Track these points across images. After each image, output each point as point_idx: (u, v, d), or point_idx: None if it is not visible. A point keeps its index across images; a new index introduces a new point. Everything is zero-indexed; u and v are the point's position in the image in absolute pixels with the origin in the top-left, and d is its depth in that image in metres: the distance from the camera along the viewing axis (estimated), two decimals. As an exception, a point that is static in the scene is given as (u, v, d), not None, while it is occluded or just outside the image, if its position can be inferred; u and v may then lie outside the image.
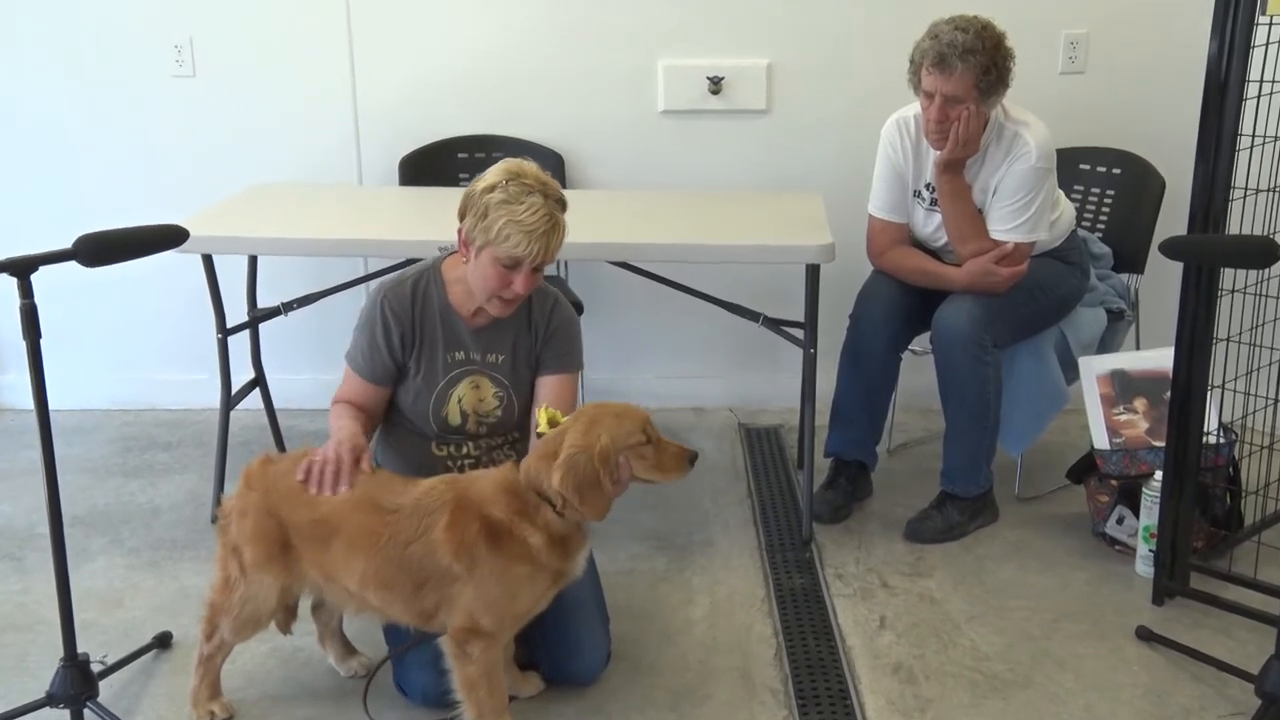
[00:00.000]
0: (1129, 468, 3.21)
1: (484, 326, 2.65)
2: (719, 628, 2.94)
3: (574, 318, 2.75)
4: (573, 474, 2.27)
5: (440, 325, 2.64)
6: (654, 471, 2.35)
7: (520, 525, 2.31)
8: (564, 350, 2.70)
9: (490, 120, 4.06)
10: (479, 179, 2.51)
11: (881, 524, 3.45)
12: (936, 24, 3.12)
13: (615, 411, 2.34)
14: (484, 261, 2.48)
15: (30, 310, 2.22)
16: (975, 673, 2.74)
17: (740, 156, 4.09)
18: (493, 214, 2.43)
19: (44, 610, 2.96)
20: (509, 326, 2.66)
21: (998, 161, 3.21)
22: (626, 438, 2.31)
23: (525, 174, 2.47)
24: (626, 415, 2.34)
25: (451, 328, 2.64)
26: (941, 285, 3.31)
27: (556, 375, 2.68)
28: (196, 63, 4.01)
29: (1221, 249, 2.65)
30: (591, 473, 2.27)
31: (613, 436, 2.29)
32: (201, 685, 2.54)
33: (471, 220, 2.47)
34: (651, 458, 2.34)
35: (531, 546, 2.30)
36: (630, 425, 2.32)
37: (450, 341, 2.64)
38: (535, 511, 2.32)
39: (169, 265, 3.21)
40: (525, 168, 2.50)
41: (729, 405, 4.34)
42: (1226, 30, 2.65)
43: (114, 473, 3.84)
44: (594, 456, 2.27)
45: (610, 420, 2.31)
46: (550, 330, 2.68)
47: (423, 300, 2.63)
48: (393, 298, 2.62)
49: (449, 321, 2.64)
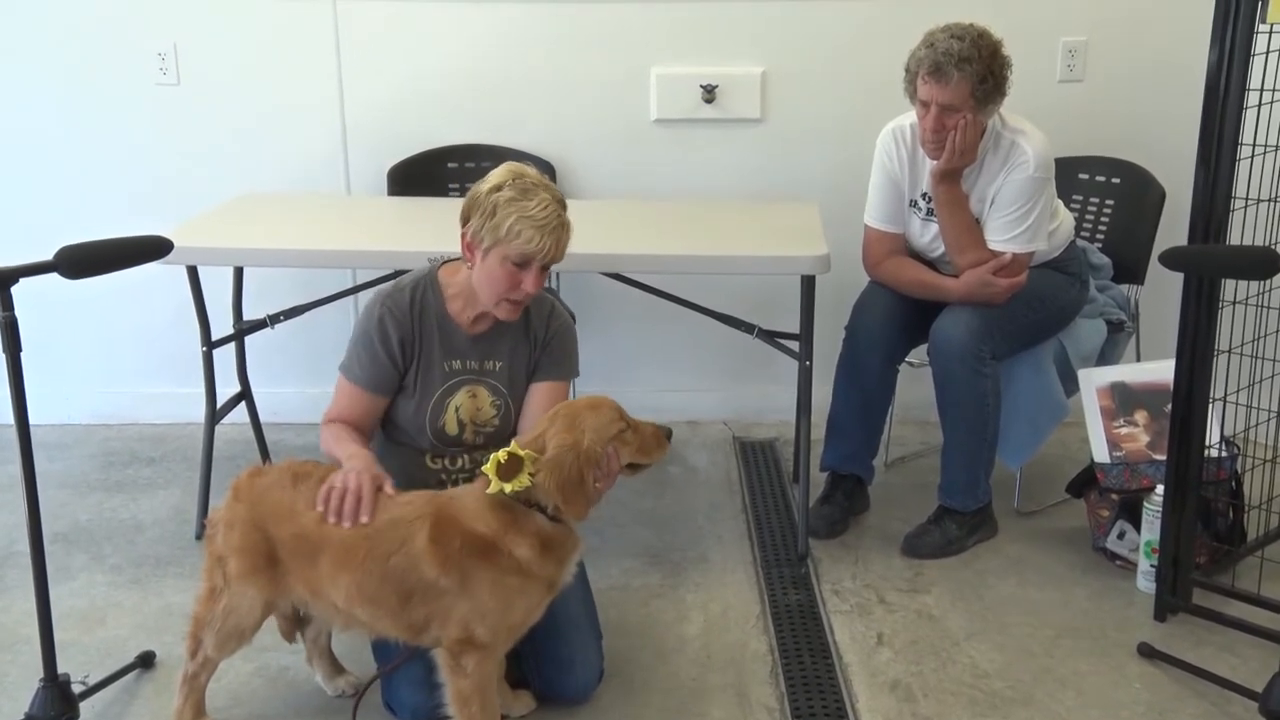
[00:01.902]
0: (1130, 482, 3.18)
1: (482, 334, 2.64)
2: (713, 644, 2.91)
3: (571, 325, 2.75)
4: (558, 472, 2.26)
5: (438, 333, 2.63)
6: (639, 455, 2.39)
7: (508, 538, 2.29)
8: (560, 357, 2.70)
9: (480, 129, 4.03)
10: (482, 182, 2.51)
11: (879, 539, 3.42)
12: (932, 32, 3.09)
13: (590, 405, 2.36)
14: (492, 263, 2.48)
15: (10, 323, 2.20)
16: (975, 690, 2.71)
17: (734, 166, 4.06)
18: (501, 212, 2.44)
19: (23, 629, 2.92)
20: (507, 334, 2.65)
21: (995, 171, 3.19)
22: (608, 428, 2.33)
23: (528, 174, 2.50)
24: (601, 407, 2.36)
25: (449, 336, 2.63)
26: (939, 296, 3.28)
27: (549, 382, 2.69)
28: (181, 71, 3.97)
29: (1222, 260, 2.64)
30: (576, 471, 2.28)
31: (595, 431, 2.31)
32: (186, 705, 2.50)
33: (479, 221, 2.47)
34: (634, 442, 2.38)
35: (520, 559, 2.29)
36: (608, 415, 2.34)
37: (448, 350, 2.63)
38: (525, 520, 2.31)
39: (153, 277, 3.19)
40: (527, 169, 2.53)
41: (723, 418, 4.30)
42: (1226, 38, 2.64)
43: (96, 488, 3.79)
44: (580, 455, 2.28)
45: (589, 415, 2.33)
46: (549, 337, 2.69)
47: (421, 307, 2.62)
48: (392, 304, 2.61)
49: (446, 330, 2.63)
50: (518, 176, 2.48)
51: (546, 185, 2.50)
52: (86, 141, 4.03)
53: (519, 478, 2.27)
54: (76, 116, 4.02)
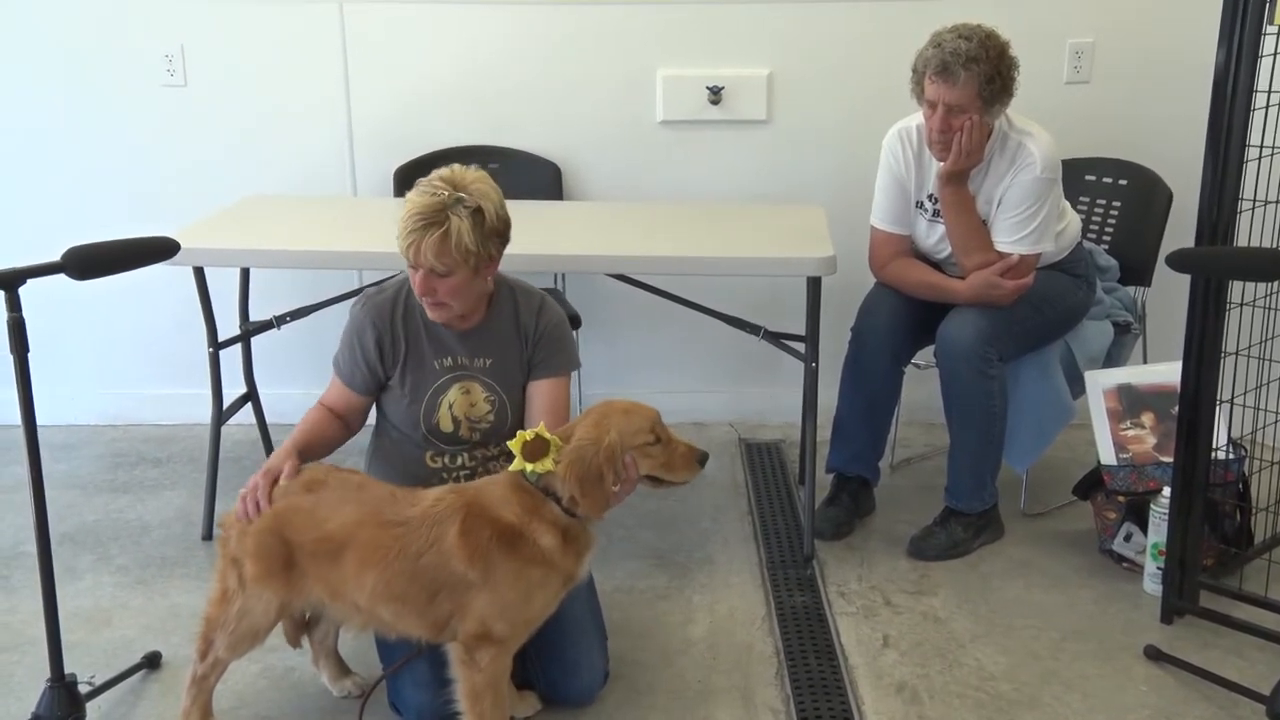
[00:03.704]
0: (1137, 484, 3.17)
1: (470, 330, 2.65)
2: (719, 647, 2.90)
3: (563, 318, 2.75)
4: (578, 465, 2.27)
5: (425, 333, 2.64)
6: (662, 471, 2.37)
7: (532, 525, 2.30)
8: (555, 351, 2.69)
9: (486, 131, 4.02)
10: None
11: (884, 541, 3.41)
12: (940, 33, 3.09)
13: (624, 409, 2.36)
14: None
15: (18, 324, 2.20)
16: (980, 693, 2.70)
17: (740, 167, 4.06)
18: (400, 220, 2.47)
19: (30, 629, 2.91)
20: (496, 330, 2.66)
21: (1002, 172, 3.18)
22: (634, 436, 2.33)
23: (437, 176, 2.48)
24: (635, 413, 2.35)
25: (437, 334, 2.64)
26: (945, 298, 3.27)
27: (548, 379, 2.68)
28: (188, 72, 3.98)
29: (1230, 261, 2.63)
30: (596, 467, 2.28)
31: (620, 434, 2.30)
32: (193, 706, 2.50)
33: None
34: (659, 457, 2.36)
35: (544, 548, 2.30)
36: (639, 423, 2.33)
37: (437, 348, 2.64)
38: (545, 508, 2.32)
39: (160, 278, 3.19)
40: (446, 170, 2.50)
41: (729, 420, 4.30)
42: (1234, 39, 2.62)
43: (103, 489, 3.79)
44: (600, 451, 2.28)
45: (619, 417, 2.33)
46: (539, 333, 2.68)
47: (405, 308, 2.64)
48: (371, 306, 2.64)
49: (434, 328, 2.63)
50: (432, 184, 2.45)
51: (451, 183, 2.44)
52: (93, 143, 4.04)
53: (543, 460, 2.28)
54: (83, 117, 4.02)
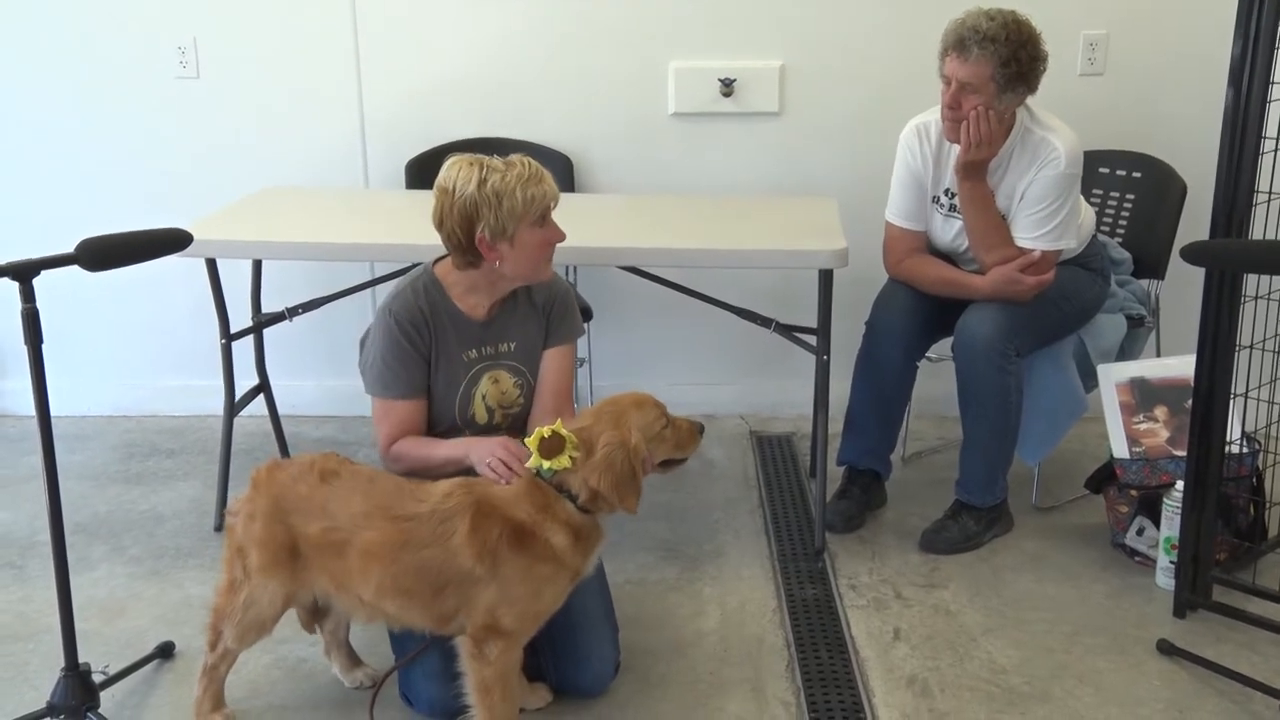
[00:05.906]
0: (1149, 478, 3.16)
1: (491, 319, 2.68)
2: (730, 639, 2.90)
3: (568, 285, 2.85)
4: (612, 472, 2.30)
5: (450, 328, 2.65)
6: (676, 451, 2.46)
7: (543, 524, 2.32)
8: (565, 317, 2.77)
9: (498, 123, 4.02)
10: (456, 190, 2.51)
11: (896, 534, 3.40)
12: (970, 10, 3.07)
13: (635, 402, 2.41)
14: (525, 238, 2.54)
15: (32, 315, 2.21)
16: (992, 686, 2.69)
17: (752, 160, 4.05)
18: (508, 195, 2.49)
19: (45, 619, 2.93)
20: (515, 312, 2.70)
21: (1024, 167, 3.15)
22: (652, 427, 2.39)
23: (483, 159, 2.55)
24: (645, 404, 2.42)
25: (461, 328, 2.66)
26: (964, 294, 3.25)
27: (558, 347, 2.77)
28: (200, 64, 3.98)
29: (1244, 254, 2.62)
30: (629, 469, 2.32)
31: (641, 430, 2.36)
32: (205, 696, 2.51)
33: (491, 216, 2.50)
34: (672, 439, 2.44)
35: (555, 546, 2.32)
36: (652, 414, 2.40)
37: (463, 341, 2.66)
38: (558, 506, 2.33)
39: (172, 270, 3.20)
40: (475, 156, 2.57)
41: (740, 413, 4.30)
42: (1250, 30, 2.61)
43: (116, 480, 3.81)
44: (630, 453, 2.32)
45: (634, 413, 2.39)
46: (552, 302, 2.75)
47: (429, 305, 2.64)
48: (397, 306, 2.64)
49: (458, 322, 2.65)
50: (481, 164, 2.52)
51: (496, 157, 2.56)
52: (106, 135, 4.04)
53: (559, 458, 2.30)
54: (96, 110, 4.02)
